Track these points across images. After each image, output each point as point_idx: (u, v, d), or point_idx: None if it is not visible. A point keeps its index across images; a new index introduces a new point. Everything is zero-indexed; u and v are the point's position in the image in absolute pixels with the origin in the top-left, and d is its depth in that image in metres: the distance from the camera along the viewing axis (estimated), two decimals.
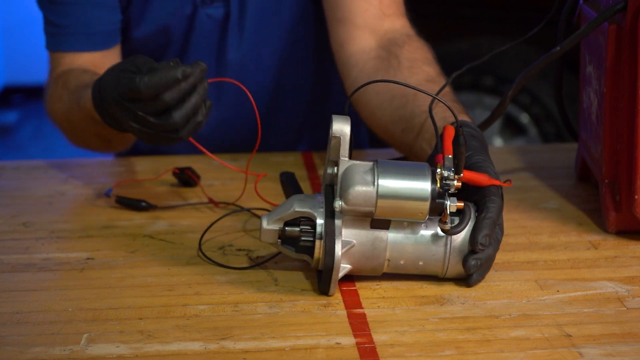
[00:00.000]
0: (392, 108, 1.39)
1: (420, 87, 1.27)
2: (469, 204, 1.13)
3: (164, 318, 1.08)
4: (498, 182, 1.15)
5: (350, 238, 1.11)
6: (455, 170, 1.11)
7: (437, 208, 1.10)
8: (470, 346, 1.02)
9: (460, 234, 1.12)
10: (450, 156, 1.12)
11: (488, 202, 1.13)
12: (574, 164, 1.52)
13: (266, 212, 1.33)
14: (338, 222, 1.10)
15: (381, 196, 1.09)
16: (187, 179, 1.46)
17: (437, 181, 1.10)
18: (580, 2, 1.40)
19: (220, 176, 1.51)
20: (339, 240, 1.10)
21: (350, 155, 1.12)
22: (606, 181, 1.31)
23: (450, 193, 1.10)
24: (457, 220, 1.12)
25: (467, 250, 1.13)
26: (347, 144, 1.11)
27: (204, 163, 1.54)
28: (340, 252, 1.09)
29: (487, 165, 1.17)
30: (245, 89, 1.27)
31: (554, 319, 1.08)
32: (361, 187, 1.09)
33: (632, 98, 1.25)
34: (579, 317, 1.08)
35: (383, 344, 1.02)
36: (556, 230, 1.31)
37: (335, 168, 1.13)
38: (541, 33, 1.39)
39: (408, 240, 1.12)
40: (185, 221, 1.35)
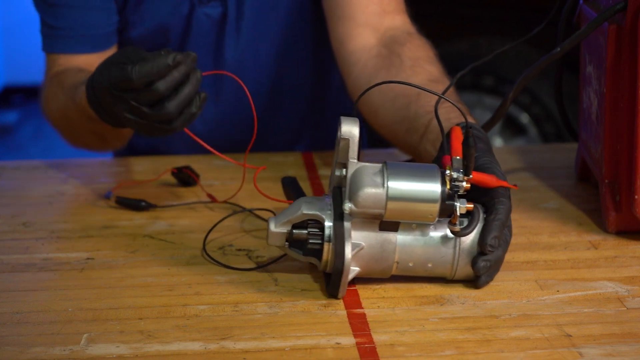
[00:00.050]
0: (395, 108, 1.39)
1: (423, 86, 1.27)
2: (478, 206, 1.13)
3: (164, 318, 1.08)
4: (506, 184, 1.15)
5: (359, 240, 1.11)
6: (464, 171, 1.11)
7: (446, 210, 1.09)
8: (470, 346, 1.02)
9: (469, 235, 1.12)
10: (458, 157, 1.12)
11: (497, 204, 1.12)
12: (574, 164, 1.52)
13: (268, 212, 1.34)
14: (347, 224, 1.09)
15: (391, 198, 1.08)
16: (186, 178, 1.46)
17: (447, 183, 1.10)
18: (580, 2, 1.40)
19: (220, 176, 1.51)
20: (348, 243, 1.09)
21: (359, 157, 1.12)
22: (606, 181, 1.31)
23: (459, 194, 1.10)
24: (466, 221, 1.11)
25: (476, 252, 1.12)
26: (356, 145, 1.11)
27: (203, 163, 1.54)
28: (350, 254, 1.08)
29: (494, 166, 1.17)
30: (241, 82, 1.27)
31: (554, 319, 1.08)
32: (371, 189, 1.08)
33: (632, 98, 1.25)
34: (579, 317, 1.08)
35: (383, 344, 1.02)
36: (556, 230, 1.31)
37: (344, 170, 1.12)
38: (541, 33, 1.38)
39: (417, 242, 1.12)
40: (185, 221, 1.35)
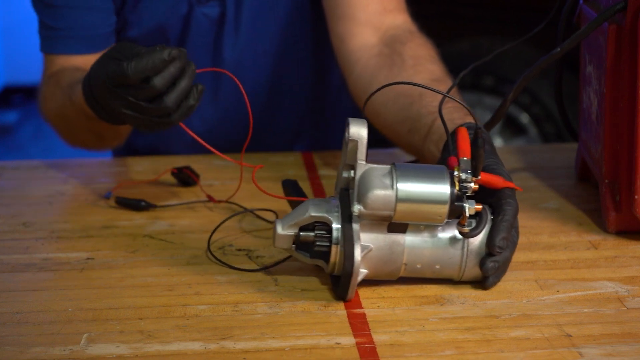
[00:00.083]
0: (397, 107, 1.38)
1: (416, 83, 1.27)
2: (485, 207, 1.13)
3: (164, 318, 1.08)
4: (512, 185, 1.14)
5: (367, 242, 1.10)
6: (473, 172, 1.10)
7: (455, 211, 1.09)
8: (470, 346, 1.02)
9: (477, 236, 1.11)
10: (465, 158, 1.12)
11: (504, 205, 1.12)
12: (574, 164, 1.52)
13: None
14: (356, 226, 1.09)
15: (400, 200, 1.08)
16: (185, 178, 1.46)
17: (456, 184, 1.10)
18: (580, 2, 1.40)
19: (219, 176, 1.51)
20: (358, 245, 1.08)
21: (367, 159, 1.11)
22: (606, 181, 1.31)
23: (468, 196, 1.10)
24: (474, 222, 1.11)
25: (485, 253, 1.12)
26: (365, 147, 1.10)
27: (203, 163, 1.54)
28: (359, 257, 1.08)
29: (499, 167, 1.17)
30: (236, 80, 1.26)
31: (554, 319, 1.08)
32: (380, 191, 1.08)
33: (632, 98, 1.25)
34: (579, 317, 1.08)
35: (383, 344, 1.02)
36: (556, 230, 1.31)
37: (352, 172, 1.12)
38: (542, 33, 1.38)
39: (425, 243, 1.11)
40: (185, 221, 1.35)
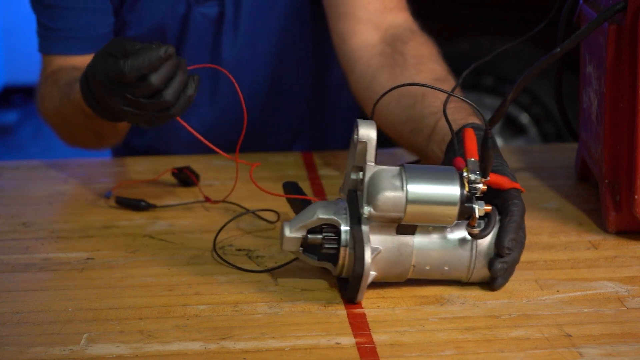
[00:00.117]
0: (400, 107, 1.38)
1: (422, 83, 1.27)
2: (493, 208, 1.12)
3: (164, 318, 1.08)
4: (518, 186, 1.14)
5: (376, 244, 1.09)
6: (482, 173, 1.10)
7: (465, 212, 1.09)
8: (470, 346, 1.02)
9: (486, 237, 1.11)
10: (473, 159, 1.11)
11: (511, 206, 1.12)
12: (574, 164, 1.52)
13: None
14: (366, 228, 1.08)
15: (410, 201, 1.08)
16: (185, 178, 1.46)
17: (465, 185, 1.09)
18: (580, 2, 1.40)
19: (219, 176, 1.51)
20: (368, 247, 1.07)
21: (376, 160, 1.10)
22: (606, 181, 1.31)
23: (477, 197, 1.10)
24: (482, 224, 1.11)
25: (493, 254, 1.12)
26: (374, 149, 1.10)
27: (203, 163, 1.54)
28: (370, 259, 1.07)
29: (504, 168, 1.17)
30: (232, 77, 1.27)
31: (554, 319, 1.08)
32: (390, 193, 1.08)
33: (632, 98, 1.25)
34: (579, 317, 1.08)
35: (383, 344, 1.02)
36: (556, 230, 1.31)
37: (360, 173, 1.11)
38: (541, 33, 1.38)
39: (434, 245, 1.11)
40: (185, 221, 1.35)
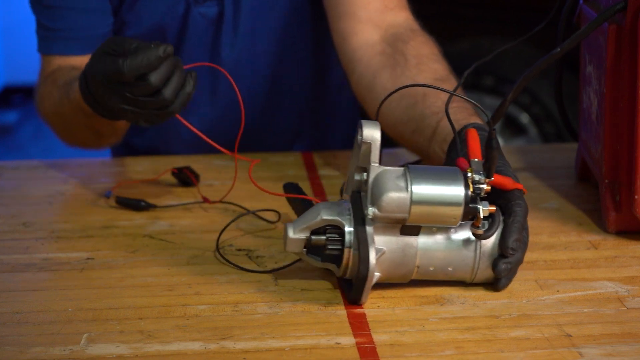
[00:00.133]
0: (401, 107, 1.38)
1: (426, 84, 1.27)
2: (497, 208, 1.12)
3: (164, 318, 1.08)
4: (521, 187, 1.14)
5: (380, 245, 1.09)
6: (486, 174, 1.10)
7: (469, 213, 1.09)
8: (470, 346, 1.02)
9: (490, 238, 1.11)
10: (477, 160, 1.11)
11: (514, 206, 1.12)
12: (574, 164, 1.52)
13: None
14: (370, 229, 1.08)
15: (415, 202, 1.07)
16: (185, 178, 1.46)
17: (470, 185, 1.09)
18: (580, 2, 1.40)
19: (219, 176, 1.51)
20: (372, 248, 1.07)
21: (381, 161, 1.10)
22: (606, 181, 1.31)
23: (481, 197, 1.10)
24: (486, 224, 1.11)
25: (497, 255, 1.12)
26: (378, 149, 1.09)
27: (203, 163, 1.54)
28: (374, 260, 1.07)
29: (507, 169, 1.17)
30: (230, 77, 1.27)
31: (554, 319, 1.08)
32: (395, 194, 1.07)
33: (632, 98, 1.25)
34: (579, 317, 1.08)
35: (383, 344, 1.02)
36: (556, 230, 1.31)
37: (364, 174, 1.11)
38: (541, 33, 1.38)
39: (438, 246, 1.11)
40: (185, 221, 1.35)
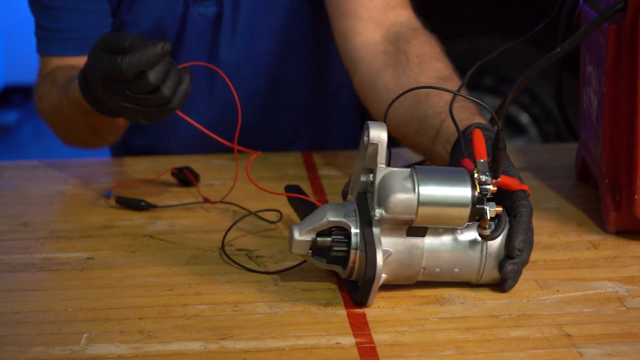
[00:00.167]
0: (404, 107, 1.37)
1: (431, 85, 1.27)
2: (503, 209, 1.12)
3: (164, 318, 1.08)
4: (526, 187, 1.14)
5: (386, 246, 1.09)
6: (493, 174, 1.10)
7: (476, 214, 1.08)
8: (470, 346, 1.02)
9: (496, 239, 1.11)
10: (482, 160, 1.11)
11: (519, 207, 1.12)
12: (574, 164, 1.52)
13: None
14: (377, 230, 1.08)
15: (422, 203, 1.07)
16: (185, 178, 1.46)
17: (476, 186, 1.09)
18: (580, 2, 1.40)
19: (220, 176, 1.51)
20: (379, 250, 1.07)
21: (389, 162, 1.10)
22: (606, 181, 1.31)
23: (488, 198, 1.09)
24: (493, 225, 1.11)
25: (503, 256, 1.12)
26: (384, 150, 1.09)
27: (203, 163, 1.54)
28: (381, 261, 1.07)
29: (511, 169, 1.17)
30: (226, 77, 1.27)
31: (554, 318, 1.08)
32: (402, 195, 1.07)
33: (632, 98, 1.25)
34: (579, 317, 1.08)
35: (383, 344, 1.02)
36: (556, 230, 1.31)
37: (370, 175, 1.11)
38: (542, 33, 1.38)
39: (444, 247, 1.11)
40: (185, 221, 1.35)
